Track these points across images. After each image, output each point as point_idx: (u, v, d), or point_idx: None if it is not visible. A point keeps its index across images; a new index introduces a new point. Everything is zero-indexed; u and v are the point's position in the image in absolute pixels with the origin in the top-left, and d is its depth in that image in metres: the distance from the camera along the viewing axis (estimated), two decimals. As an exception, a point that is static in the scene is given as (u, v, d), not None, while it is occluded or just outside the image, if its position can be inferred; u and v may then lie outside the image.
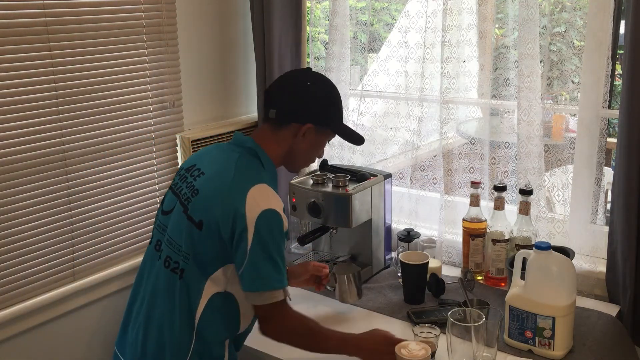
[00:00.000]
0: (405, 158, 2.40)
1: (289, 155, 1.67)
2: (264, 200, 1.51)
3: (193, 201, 1.56)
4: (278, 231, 1.52)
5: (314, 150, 1.71)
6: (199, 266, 1.54)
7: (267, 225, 1.49)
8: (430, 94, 2.21)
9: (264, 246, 1.50)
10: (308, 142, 1.66)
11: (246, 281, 1.52)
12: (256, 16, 2.38)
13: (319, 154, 1.75)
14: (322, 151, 1.76)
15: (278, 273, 1.53)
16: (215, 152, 1.68)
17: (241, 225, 1.48)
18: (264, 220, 1.49)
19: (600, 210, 2.02)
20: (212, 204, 1.53)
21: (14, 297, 1.85)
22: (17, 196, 1.82)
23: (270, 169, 1.64)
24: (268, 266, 1.51)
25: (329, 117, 1.68)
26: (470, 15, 2.09)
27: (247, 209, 1.48)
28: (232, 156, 1.60)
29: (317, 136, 1.67)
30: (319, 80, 1.70)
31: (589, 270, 1.96)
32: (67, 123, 1.91)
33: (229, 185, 1.53)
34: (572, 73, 2.00)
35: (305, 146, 1.66)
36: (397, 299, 1.98)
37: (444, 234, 2.22)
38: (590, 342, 1.70)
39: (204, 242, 1.53)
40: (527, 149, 1.99)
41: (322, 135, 1.69)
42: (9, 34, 1.75)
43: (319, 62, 2.50)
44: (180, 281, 1.56)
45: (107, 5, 1.98)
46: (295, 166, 1.74)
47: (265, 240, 1.50)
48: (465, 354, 1.53)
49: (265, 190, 1.54)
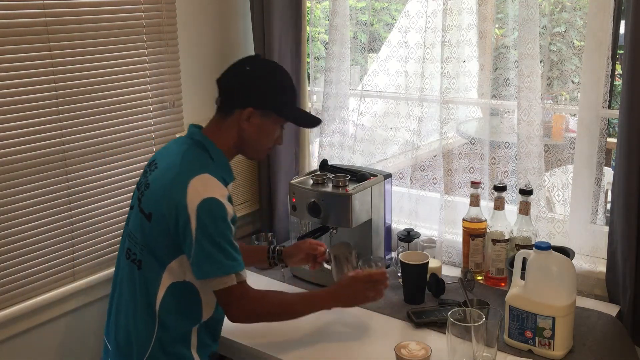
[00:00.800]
0: (405, 158, 2.40)
1: (240, 143, 1.69)
2: (205, 190, 1.55)
3: (145, 195, 1.64)
4: (221, 218, 1.55)
5: (265, 137, 1.71)
6: (154, 257, 1.61)
7: (208, 213, 1.53)
8: (430, 94, 2.21)
9: (208, 234, 1.53)
10: (255, 128, 1.66)
11: (196, 269, 1.56)
12: (256, 16, 2.38)
13: (273, 139, 1.74)
14: (279, 137, 1.75)
15: (226, 258, 1.56)
16: (171, 146, 1.74)
17: (184, 216, 1.53)
18: (204, 209, 1.53)
19: (600, 210, 2.02)
20: (158, 197, 1.60)
21: (14, 297, 1.85)
22: (17, 196, 1.82)
23: (219, 159, 1.66)
24: (214, 253, 1.54)
25: (270, 99, 1.67)
26: (470, 15, 2.09)
27: (188, 200, 1.53)
28: (181, 149, 1.65)
29: (263, 121, 1.67)
30: (260, 64, 1.72)
31: (589, 270, 1.96)
32: (67, 123, 1.91)
33: (172, 178, 1.58)
34: (572, 73, 2.00)
35: (253, 132, 1.67)
36: (397, 299, 1.98)
37: (444, 234, 2.22)
38: (590, 342, 1.70)
39: (155, 234, 1.60)
40: (527, 149, 1.99)
41: (268, 119, 1.68)
42: (9, 34, 1.75)
43: (319, 62, 2.51)
44: (139, 272, 1.63)
45: (107, 5, 1.97)
46: (250, 154, 1.76)
47: (208, 228, 1.53)
48: (465, 354, 1.53)
49: (207, 180, 1.57)
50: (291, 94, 1.73)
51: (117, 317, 1.70)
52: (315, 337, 1.81)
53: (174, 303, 1.62)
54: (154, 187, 1.62)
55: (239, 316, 1.64)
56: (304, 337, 1.81)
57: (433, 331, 1.79)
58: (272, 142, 1.74)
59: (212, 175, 1.59)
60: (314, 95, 2.56)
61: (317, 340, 1.79)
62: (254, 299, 1.63)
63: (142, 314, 1.63)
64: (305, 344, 1.77)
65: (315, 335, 1.82)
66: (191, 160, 1.62)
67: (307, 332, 1.84)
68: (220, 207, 1.55)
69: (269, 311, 1.68)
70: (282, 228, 2.53)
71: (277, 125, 1.71)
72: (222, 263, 1.55)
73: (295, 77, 2.43)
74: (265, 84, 1.68)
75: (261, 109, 1.65)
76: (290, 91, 1.73)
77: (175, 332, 1.64)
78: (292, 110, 1.74)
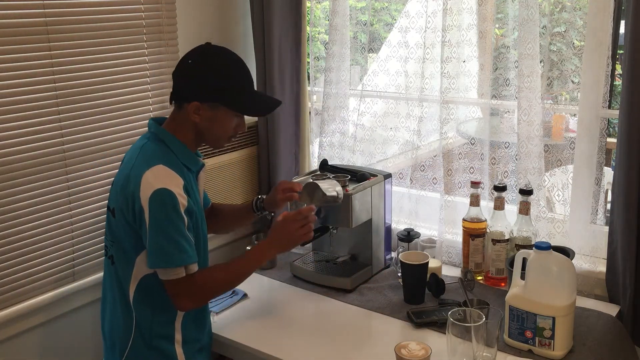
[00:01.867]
0: (405, 158, 2.40)
1: (200, 135, 1.69)
2: (157, 181, 1.56)
3: (110, 191, 1.71)
4: (172, 209, 1.55)
5: (219, 127, 1.68)
6: (123, 251, 1.65)
7: (159, 204, 1.54)
8: (430, 94, 2.21)
9: (159, 224, 1.55)
10: (208, 120, 1.65)
11: (148, 258, 1.58)
12: (256, 16, 2.38)
13: (232, 128, 1.70)
14: (239, 125, 1.71)
15: (176, 250, 1.56)
16: (135, 142, 1.75)
17: (138, 207, 1.56)
18: (156, 200, 1.54)
19: (600, 210, 2.02)
20: (117, 192, 1.63)
21: (14, 297, 1.85)
22: (17, 196, 1.82)
23: (179, 149, 1.67)
24: (164, 244, 1.56)
25: (213, 92, 1.64)
26: (470, 15, 2.09)
27: (141, 191, 1.55)
28: (141, 144, 1.68)
29: (213, 112, 1.65)
30: (204, 56, 1.68)
31: (589, 270, 1.96)
32: (67, 123, 1.91)
33: (128, 172, 1.61)
34: (572, 73, 2.00)
35: (206, 124, 1.66)
36: (397, 299, 1.98)
37: (444, 234, 2.22)
38: (590, 342, 1.70)
39: (120, 229, 1.63)
40: (527, 149, 1.99)
41: (218, 111, 1.66)
42: (9, 34, 1.75)
43: (319, 62, 2.51)
44: (112, 267, 1.68)
45: (107, 5, 1.97)
46: (211, 144, 1.77)
47: (159, 218, 1.55)
48: (465, 354, 1.53)
49: (160, 171, 1.58)
50: (237, 83, 1.68)
51: (103, 313, 1.76)
52: (315, 337, 1.81)
53: (147, 296, 1.65)
54: (115, 183, 1.67)
55: (188, 307, 1.66)
56: (303, 337, 1.81)
57: (433, 331, 1.79)
58: (231, 130, 1.71)
59: (167, 167, 1.59)
60: (314, 95, 2.56)
61: (317, 340, 1.79)
62: (201, 286, 1.64)
63: (121, 308, 1.67)
64: (305, 344, 1.77)
65: (315, 335, 1.82)
66: (147, 154, 1.63)
67: (307, 332, 1.84)
68: (172, 198, 1.55)
69: (216, 291, 1.73)
70: (282, 228, 2.53)
71: (230, 115, 1.68)
72: (171, 255, 1.56)
73: (295, 77, 2.44)
74: (206, 77, 1.64)
75: (206, 101, 1.64)
76: (235, 80, 1.68)
77: (154, 326, 1.66)
78: (239, 100, 1.67)
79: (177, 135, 1.67)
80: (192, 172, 1.70)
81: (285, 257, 2.29)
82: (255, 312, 1.96)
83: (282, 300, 2.04)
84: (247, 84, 1.71)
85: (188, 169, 1.68)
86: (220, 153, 2.39)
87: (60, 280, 1.96)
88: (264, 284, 2.15)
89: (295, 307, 1.99)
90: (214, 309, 1.94)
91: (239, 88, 1.68)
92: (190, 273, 1.60)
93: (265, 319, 1.92)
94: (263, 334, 1.83)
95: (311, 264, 2.19)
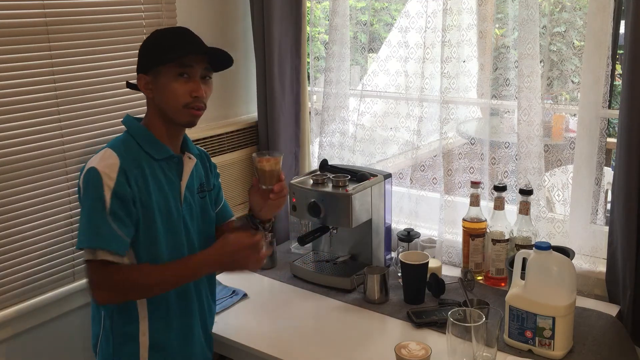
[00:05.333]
0: (405, 158, 2.40)
1: (163, 115, 1.62)
2: (92, 162, 1.55)
3: None
4: (93, 187, 1.51)
5: (171, 93, 1.58)
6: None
7: (84, 183, 1.54)
8: (430, 94, 2.21)
9: (82, 202, 1.55)
10: (158, 91, 1.60)
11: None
12: (256, 16, 2.38)
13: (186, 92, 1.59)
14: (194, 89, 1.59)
15: (87, 230, 1.51)
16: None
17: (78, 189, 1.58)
18: (83, 179, 1.54)
19: (600, 210, 2.02)
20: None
21: (14, 297, 1.85)
22: (17, 196, 1.82)
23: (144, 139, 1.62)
24: (83, 222, 1.53)
25: (146, 57, 1.62)
26: (470, 15, 2.09)
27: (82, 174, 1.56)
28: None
29: (157, 79, 1.59)
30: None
31: (589, 270, 1.96)
32: (67, 123, 1.91)
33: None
34: (572, 73, 2.00)
35: (159, 96, 1.61)
36: (397, 299, 1.98)
37: (444, 234, 2.22)
38: (590, 342, 1.70)
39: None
40: (527, 149, 1.99)
41: (160, 75, 1.59)
42: (9, 34, 1.75)
43: (319, 62, 2.51)
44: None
45: (107, 5, 1.98)
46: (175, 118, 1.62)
47: (82, 197, 1.55)
48: (465, 354, 1.53)
49: (101, 153, 1.57)
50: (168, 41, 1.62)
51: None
52: (315, 337, 1.81)
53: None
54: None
55: (100, 298, 1.55)
56: (303, 337, 1.81)
57: (433, 331, 1.79)
58: (187, 96, 1.59)
59: (112, 150, 1.56)
60: (314, 95, 2.56)
61: (317, 340, 1.79)
62: (118, 281, 1.53)
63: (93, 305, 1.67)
64: (305, 344, 1.77)
65: (315, 335, 1.82)
66: (109, 144, 1.61)
67: (307, 332, 1.84)
68: (95, 175, 1.50)
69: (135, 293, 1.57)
70: (282, 228, 2.53)
71: (172, 76, 1.58)
72: (84, 233, 1.52)
73: (295, 77, 2.44)
74: (143, 49, 1.64)
75: (145, 70, 1.61)
76: (166, 39, 1.62)
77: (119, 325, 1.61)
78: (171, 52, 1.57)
79: (149, 126, 1.64)
80: (158, 161, 1.62)
81: (285, 257, 2.29)
82: (255, 312, 1.96)
83: (282, 300, 2.04)
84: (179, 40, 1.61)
85: (153, 159, 1.61)
86: (220, 153, 2.39)
87: (60, 280, 1.96)
88: (264, 284, 2.15)
89: (295, 307, 1.99)
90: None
91: (169, 45, 1.60)
92: (104, 259, 1.50)
93: (265, 319, 1.92)
94: (263, 334, 1.83)
95: (311, 264, 2.19)
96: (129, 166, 1.55)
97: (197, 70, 1.60)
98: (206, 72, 1.64)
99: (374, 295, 1.96)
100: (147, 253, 1.59)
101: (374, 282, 1.95)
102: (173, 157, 1.66)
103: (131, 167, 1.56)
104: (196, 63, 1.60)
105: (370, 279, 1.95)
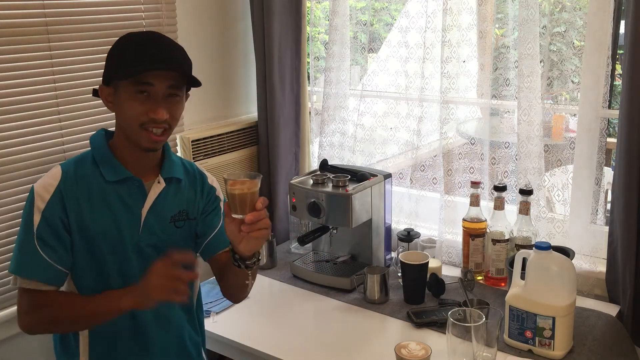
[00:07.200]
0: (405, 158, 2.40)
1: (123, 130, 1.47)
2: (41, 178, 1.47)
3: None
4: (27, 208, 1.43)
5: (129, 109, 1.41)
6: None
7: (26, 201, 1.45)
8: (430, 94, 2.21)
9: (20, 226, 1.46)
10: (118, 104, 1.44)
11: None
12: (256, 16, 2.38)
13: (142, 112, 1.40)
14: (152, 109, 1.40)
15: (16, 256, 1.44)
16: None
17: None
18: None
19: (600, 210, 2.02)
20: None
21: (14, 297, 1.84)
22: (17, 196, 1.82)
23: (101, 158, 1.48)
24: (15, 247, 1.46)
25: (107, 68, 1.46)
26: (470, 15, 2.09)
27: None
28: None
29: (117, 92, 1.43)
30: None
31: (589, 270, 1.96)
32: (67, 123, 1.91)
33: None
34: (572, 73, 2.00)
35: (118, 110, 1.45)
36: (397, 299, 1.98)
37: (444, 234, 2.22)
38: (590, 342, 1.70)
39: None
40: (527, 149, 1.99)
41: (121, 91, 1.42)
42: (9, 34, 1.75)
43: (319, 62, 2.51)
44: None
45: (107, 5, 1.98)
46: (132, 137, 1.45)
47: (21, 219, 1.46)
48: (465, 354, 1.53)
49: (51, 170, 1.48)
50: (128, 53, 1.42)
51: None
52: (315, 337, 1.81)
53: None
54: None
55: (21, 324, 1.47)
56: (304, 337, 1.81)
57: (433, 331, 1.79)
58: (143, 115, 1.40)
59: (61, 168, 1.46)
60: (314, 95, 2.56)
61: (316, 340, 1.79)
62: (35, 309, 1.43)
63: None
64: (305, 343, 1.78)
65: (315, 335, 1.82)
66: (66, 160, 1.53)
67: (307, 332, 1.84)
68: (30, 196, 1.43)
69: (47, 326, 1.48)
70: (282, 228, 2.53)
71: (130, 93, 1.40)
72: (14, 259, 1.44)
73: (295, 77, 2.44)
74: (107, 61, 1.47)
75: (105, 82, 1.46)
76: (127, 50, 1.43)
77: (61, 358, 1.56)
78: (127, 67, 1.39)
79: (114, 144, 1.50)
80: (111, 183, 1.46)
81: (285, 257, 2.29)
82: (255, 312, 1.96)
83: (282, 300, 2.04)
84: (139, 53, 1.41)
85: (107, 181, 1.46)
86: (220, 153, 2.39)
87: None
88: (264, 284, 2.15)
89: (295, 307, 1.99)
90: (214, 309, 1.94)
91: (129, 58, 1.41)
92: (21, 287, 1.43)
93: (265, 319, 1.92)
94: (263, 334, 1.83)
95: (311, 264, 2.19)
96: (70, 187, 1.43)
97: (159, 88, 1.40)
98: (172, 91, 1.43)
99: (374, 295, 1.96)
100: (95, 283, 1.46)
101: (374, 282, 1.95)
102: (131, 179, 1.48)
103: (73, 188, 1.43)
104: (158, 80, 1.40)
105: (370, 279, 1.95)
